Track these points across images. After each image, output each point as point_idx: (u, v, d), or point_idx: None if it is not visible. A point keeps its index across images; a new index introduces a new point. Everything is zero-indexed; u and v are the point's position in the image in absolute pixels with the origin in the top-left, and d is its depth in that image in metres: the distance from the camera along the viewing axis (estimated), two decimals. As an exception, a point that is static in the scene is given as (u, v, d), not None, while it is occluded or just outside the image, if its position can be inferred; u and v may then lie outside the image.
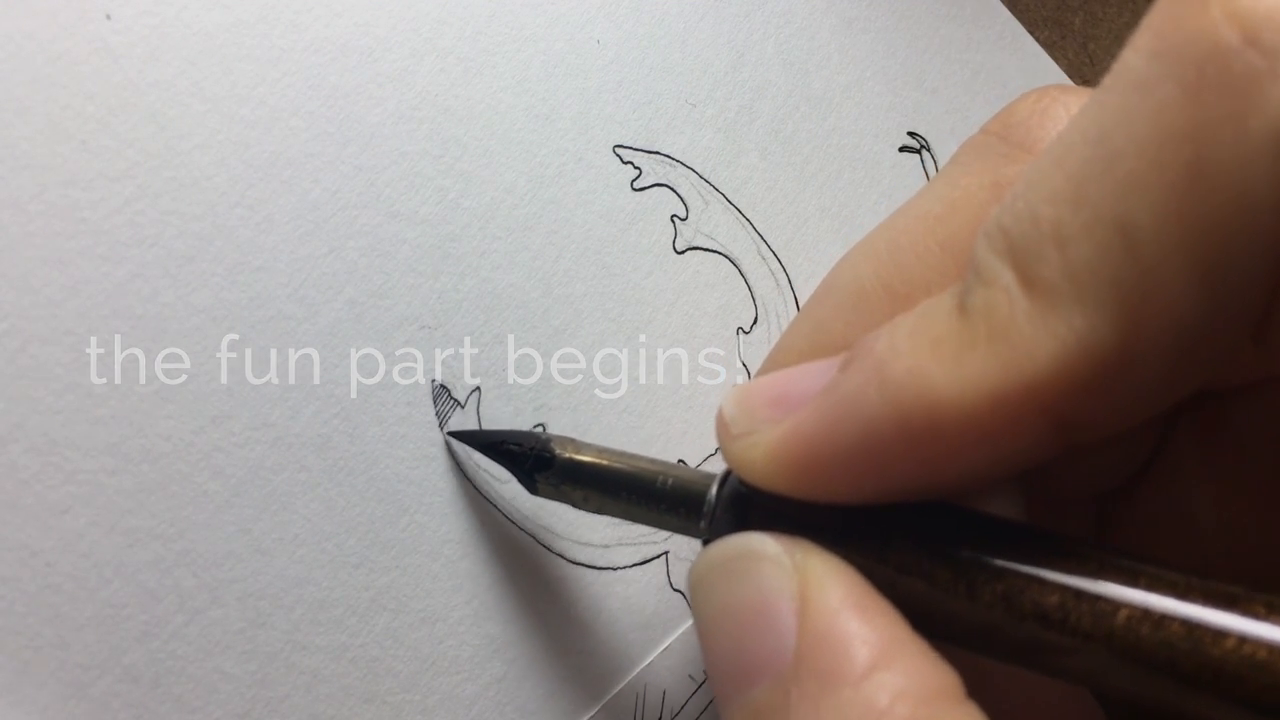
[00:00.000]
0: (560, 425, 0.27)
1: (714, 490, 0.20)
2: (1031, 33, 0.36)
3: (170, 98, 0.23)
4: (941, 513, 0.17)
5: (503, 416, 0.26)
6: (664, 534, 0.28)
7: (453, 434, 0.25)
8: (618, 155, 0.29)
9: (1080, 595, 0.15)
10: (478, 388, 0.26)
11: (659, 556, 0.28)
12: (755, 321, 0.30)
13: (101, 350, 0.22)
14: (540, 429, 0.27)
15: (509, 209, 0.27)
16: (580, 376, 0.27)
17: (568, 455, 0.23)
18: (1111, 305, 0.14)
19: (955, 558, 0.16)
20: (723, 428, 0.19)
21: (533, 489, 0.24)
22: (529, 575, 0.26)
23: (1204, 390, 0.17)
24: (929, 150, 0.34)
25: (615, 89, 0.29)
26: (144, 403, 0.22)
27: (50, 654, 0.21)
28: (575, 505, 0.23)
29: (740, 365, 0.30)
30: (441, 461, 0.25)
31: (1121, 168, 0.14)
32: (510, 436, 0.24)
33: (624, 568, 0.27)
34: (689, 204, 0.30)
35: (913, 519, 0.17)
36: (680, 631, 0.27)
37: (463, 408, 0.26)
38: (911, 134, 0.34)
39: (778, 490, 0.18)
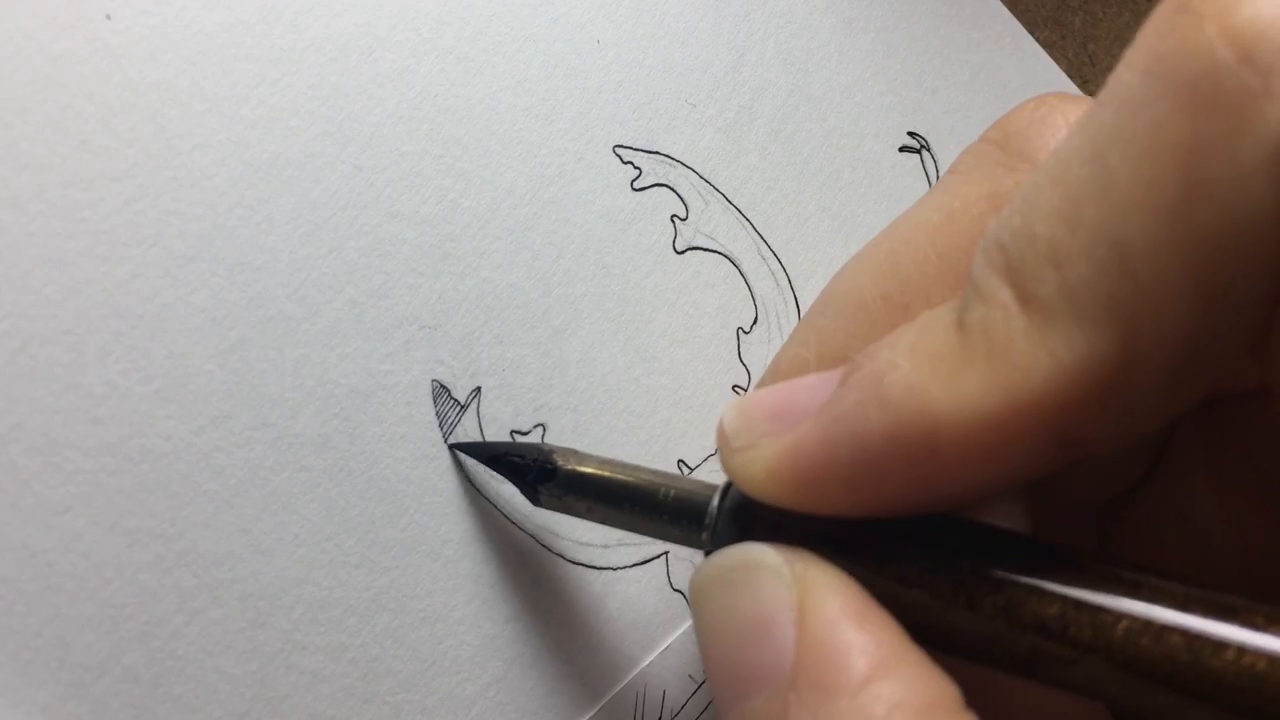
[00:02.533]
0: (560, 425, 0.27)
1: (715, 502, 0.20)
2: (1031, 33, 0.36)
3: (170, 98, 0.23)
4: (941, 524, 0.17)
5: (503, 416, 0.26)
6: (664, 534, 0.28)
7: (455, 446, 0.25)
8: (618, 155, 0.29)
9: (1080, 606, 0.15)
10: (478, 388, 0.26)
11: (659, 556, 0.28)
12: (755, 321, 0.30)
13: (101, 350, 0.22)
14: (540, 429, 0.27)
15: (509, 209, 0.27)
16: (580, 376, 0.27)
17: (570, 467, 0.23)
18: (1109, 324, 0.14)
19: (955, 569, 0.17)
20: (723, 440, 0.19)
21: (536, 500, 0.24)
22: (529, 575, 0.26)
23: (1204, 400, 0.17)
24: (929, 150, 0.34)
25: (615, 89, 0.29)
26: (144, 403, 0.22)
27: (50, 654, 0.21)
28: (578, 516, 0.24)
29: (740, 365, 0.30)
30: (441, 461, 0.25)
31: (1117, 187, 0.14)
32: (513, 448, 0.24)
33: (624, 568, 0.27)
34: (689, 204, 0.30)
35: (913, 530, 0.17)
36: (680, 632, 0.27)
37: (463, 408, 0.26)
38: (911, 134, 0.34)
39: (778, 504, 0.18)
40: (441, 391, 0.25)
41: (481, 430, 0.26)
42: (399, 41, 0.26)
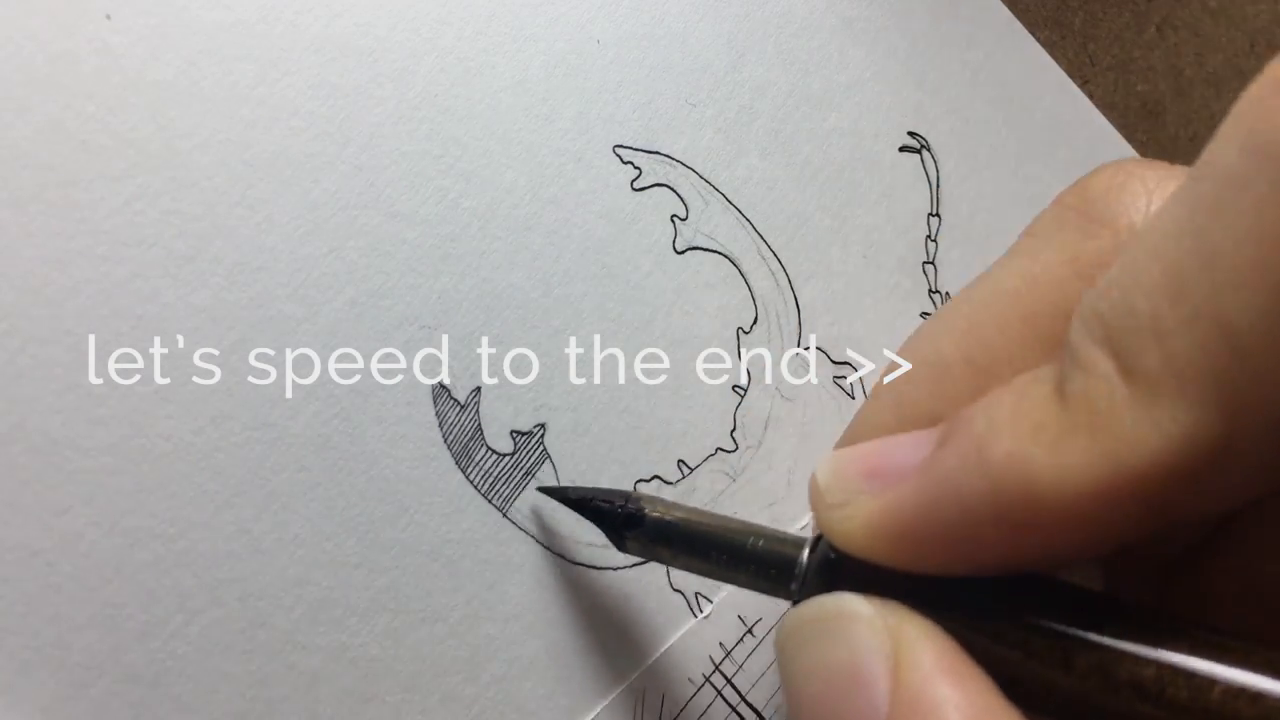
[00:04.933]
0: (560, 425, 0.27)
1: (805, 555, 0.20)
2: (1031, 32, 0.36)
3: (170, 98, 0.23)
4: (1034, 583, 0.18)
5: (503, 416, 0.26)
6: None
7: (542, 489, 0.26)
8: (618, 155, 0.29)
9: (1177, 669, 0.15)
10: (478, 388, 0.26)
11: (659, 556, 0.28)
12: (755, 321, 0.30)
13: (101, 350, 0.22)
14: (540, 429, 0.27)
15: (509, 209, 0.27)
16: (580, 376, 0.27)
17: (657, 514, 0.23)
18: (1214, 400, 0.14)
19: (1050, 628, 0.17)
20: (817, 496, 0.19)
21: (622, 546, 0.24)
22: (529, 575, 0.26)
23: None
24: (929, 150, 0.34)
25: (615, 89, 0.29)
26: (144, 403, 0.22)
27: (50, 654, 0.21)
28: (663, 562, 0.24)
29: (740, 365, 0.30)
30: (441, 461, 0.25)
31: (1220, 264, 0.14)
32: (599, 494, 0.25)
33: (624, 568, 0.27)
34: (689, 204, 0.30)
35: (1005, 589, 0.18)
36: (680, 634, 0.27)
37: (463, 408, 0.26)
38: (911, 134, 0.34)
39: (874, 560, 0.18)
40: (441, 391, 0.25)
41: (482, 430, 0.26)
42: (399, 41, 0.26)
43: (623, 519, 0.24)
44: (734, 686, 0.28)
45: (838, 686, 0.17)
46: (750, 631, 0.28)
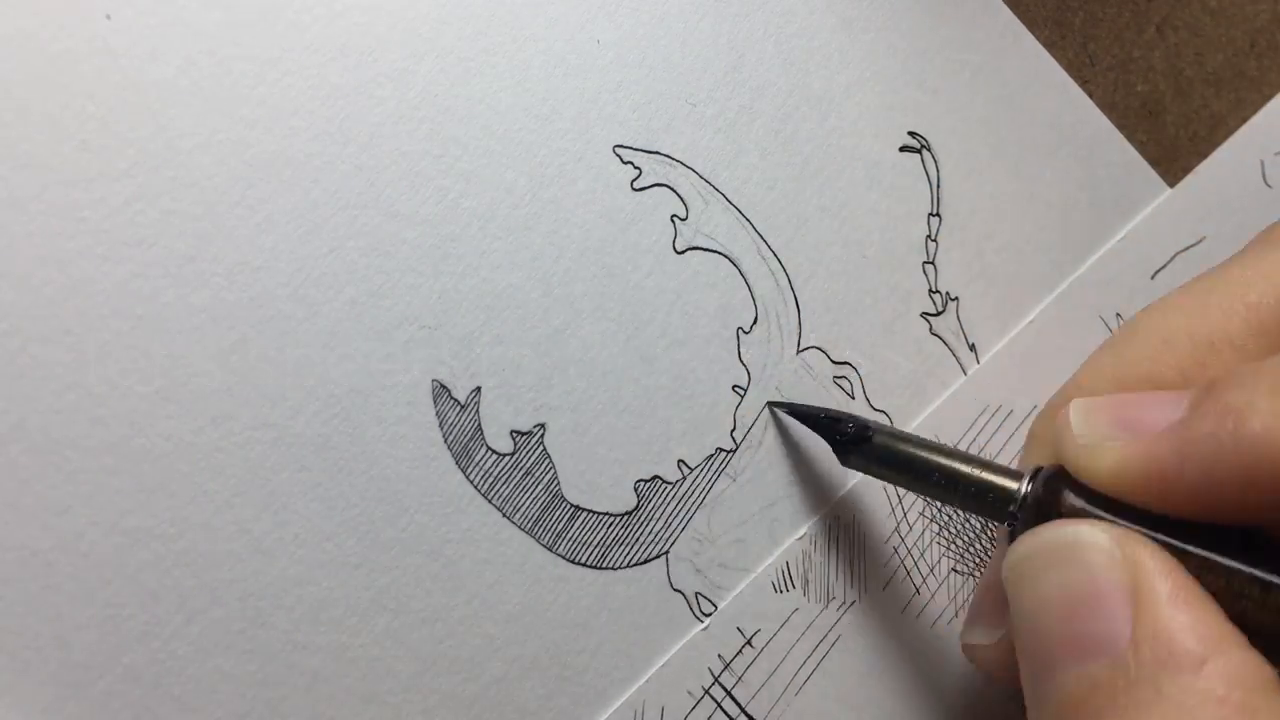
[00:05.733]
0: (560, 425, 0.27)
1: (1025, 485, 0.23)
2: (1032, 32, 0.36)
3: (170, 98, 0.23)
4: (1254, 533, 0.19)
5: (503, 416, 0.26)
6: (663, 536, 0.28)
7: (773, 404, 0.29)
8: (618, 155, 0.29)
9: None
10: (478, 388, 0.26)
11: (659, 557, 0.28)
12: (755, 321, 0.30)
13: (102, 350, 0.22)
14: (540, 429, 0.27)
15: (509, 209, 0.27)
16: (580, 376, 0.27)
17: (884, 439, 0.26)
18: None
19: (1268, 570, 0.19)
20: (1067, 434, 0.22)
21: (845, 461, 0.27)
22: (529, 575, 0.26)
23: None
24: (929, 150, 0.34)
25: (615, 89, 0.29)
26: (144, 403, 0.22)
27: (50, 654, 0.21)
28: (881, 479, 0.27)
29: (740, 365, 0.30)
30: (441, 461, 0.25)
31: None
32: (830, 413, 0.28)
33: (624, 568, 0.27)
34: (689, 204, 0.30)
35: (1227, 534, 0.19)
36: (679, 646, 0.27)
37: (463, 407, 0.26)
38: (911, 134, 0.34)
39: (1118, 496, 0.20)
40: (441, 391, 0.25)
41: (482, 430, 0.26)
42: (399, 41, 0.26)
43: (852, 436, 0.26)
44: (733, 698, 0.28)
45: (1080, 609, 0.19)
46: (749, 643, 0.28)
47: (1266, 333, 0.22)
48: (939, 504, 0.30)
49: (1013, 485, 0.23)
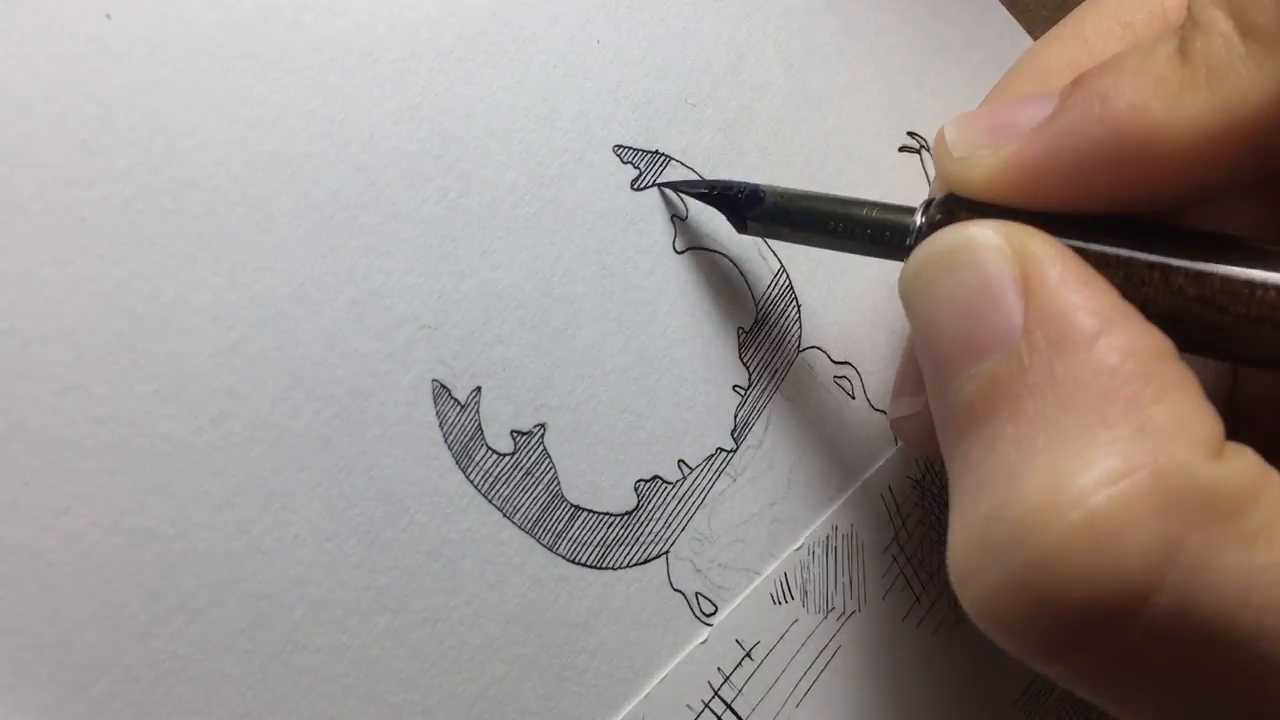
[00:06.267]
0: (560, 425, 0.27)
1: (919, 218, 0.22)
2: (1031, 33, 0.36)
3: (170, 98, 0.23)
4: (1135, 220, 0.20)
5: (503, 416, 0.26)
6: (663, 535, 0.28)
7: (663, 185, 0.28)
8: (617, 155, 0.29)
9: (1262, 284, 0.18)
10: (478, 388, 0.26)
11: (659, 557, 0.28)
12: (755, 321, 0.30)
13: (101, 350, 0.22)
14: (540, 429, 0.27)
15: (509, 209, 0.27)
16: (580, 377, 0.27)
17: (776, 197, 0.26)
18: None
19: (1150, 252, 0.19)
20: (943, 150, 0.22)
21: (742, 229, 0.27)
22: (529, 575, 0.26)
23: None
24: (929, 150, 0.34)
25: (615, 89, 0.29)
26: (144, 403, 0.22)
27: (50, 654, 0.21)
28: (782, 239, 0.27)
29: (740, 365, 0.30)
30: (441, 461, 0.25)
31: None
32: (719, 183, 0.28)
33: (624, 568, 0.27)
34: (689, 204, 0.30)
35: (1110, 222, 0.20)
36: (677, 661, 0.27)
37: (463, 407, 0.26)
38: (911, 134, 0.34)
39: (995, 201, 0.20)
40: (441, 391, 0.25)
41: (482, 430, 0.26)
42: (399, 41, 0.26)
43: (744, 200, 0.26)
44: (733, 711, 0.27)
45: (972, 309, 0.19)
46: (749, 655, 0.28)
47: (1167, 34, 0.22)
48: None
49: (908, 220, 0.23)
